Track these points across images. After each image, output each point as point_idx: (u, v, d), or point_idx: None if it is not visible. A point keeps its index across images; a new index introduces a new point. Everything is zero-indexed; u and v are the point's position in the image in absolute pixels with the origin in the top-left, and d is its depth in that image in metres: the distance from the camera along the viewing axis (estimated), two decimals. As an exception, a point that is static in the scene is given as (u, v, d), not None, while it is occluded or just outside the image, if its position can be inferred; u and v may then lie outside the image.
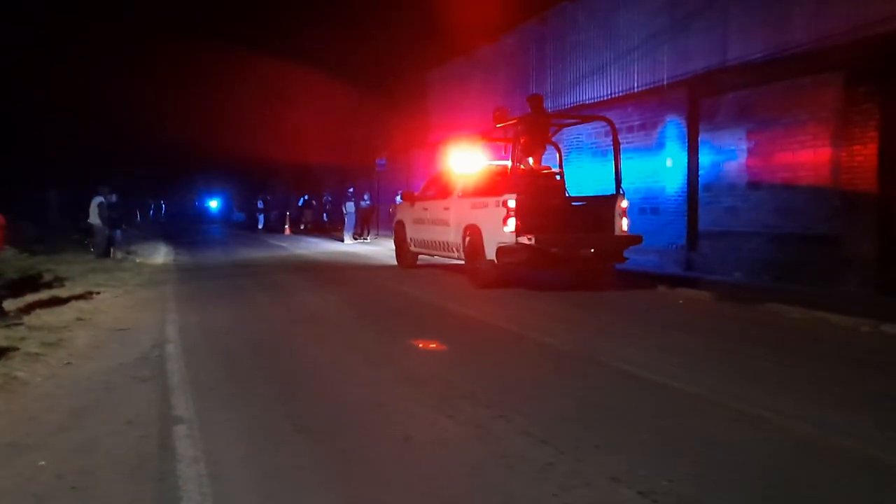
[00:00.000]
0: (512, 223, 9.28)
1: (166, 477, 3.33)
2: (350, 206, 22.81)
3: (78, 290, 9.41)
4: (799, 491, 3.15)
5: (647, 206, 12.76)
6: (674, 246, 12.17)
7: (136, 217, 33.23)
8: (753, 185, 10.61)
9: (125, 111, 32.19)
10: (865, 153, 8.87)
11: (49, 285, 10.05)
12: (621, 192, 10.02)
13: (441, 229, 11.43)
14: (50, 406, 4.50)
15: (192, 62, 32.30)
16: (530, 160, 10.61)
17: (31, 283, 10.15)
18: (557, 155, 11.59)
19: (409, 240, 12.90)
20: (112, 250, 15.26)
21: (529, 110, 10.91)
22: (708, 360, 5.65)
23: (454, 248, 10.98)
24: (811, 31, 9.54)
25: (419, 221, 12.43)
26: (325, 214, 31.89)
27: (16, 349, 5.86)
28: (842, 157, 9.17)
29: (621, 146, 10.49)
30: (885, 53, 8.64)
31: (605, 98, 14.23)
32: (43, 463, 3.52)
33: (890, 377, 5.22)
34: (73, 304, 8.40)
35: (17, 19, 24.49)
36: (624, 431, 3.88)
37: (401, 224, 13.27)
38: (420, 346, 6.45)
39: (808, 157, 9.70)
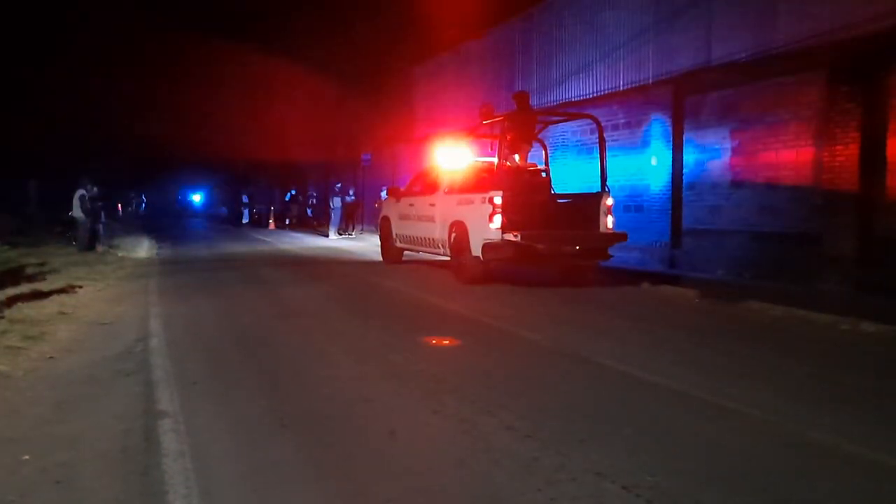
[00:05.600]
0: (498, 220, 9.30)
1: (151, 471, 3.31)
2: (336, 202, 22.71)
3: (60, 284, 9.32)
4: (780, 485, 3.20)
5: (632, 204, 12.84)
6: (658, 243, 12.26)
7: (119, 210, 32.83)
8: (736, 184, 10.71)
9: (107, 103, 31.84)
10: (847, 153, 8.98)
11: (31, 279, 9.94)
12: (606, 189, 10.08)
13: (427, 225, 11.42)
14: (32, 399, 4.47)
15: (175, 55, 31.94)
16: (516, 157, 10.63)
17: (12, 276, 10.04)
18: (543, 152, 11.63)
19: (394, 235, 12.89)
20: (95, 244, 15.12)
21: (515, 107, 10.93)
22: (690, 357, 5.71)
23: (440, 244, 10.99)
24: (794, 31, 9.64)
25: (405, 217, 12.42)
26: (309, 209, 31.74)
27: (-3, 343, 5.80)
28: (823, 156, 9.29)
29: (607, 144, 10.57)
30: (866, 54, 8.75)
31: (591, 96, 14.27)
32: (26, 457, 3.50)
33: (869, 374, 5.30)
34: (56, 297, 8.32)
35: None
36: (608, 426, 3.91)
37: (386, 220, 13.25)
38: (405, 341, 6.45)
39: (790, 156, 9.81)
